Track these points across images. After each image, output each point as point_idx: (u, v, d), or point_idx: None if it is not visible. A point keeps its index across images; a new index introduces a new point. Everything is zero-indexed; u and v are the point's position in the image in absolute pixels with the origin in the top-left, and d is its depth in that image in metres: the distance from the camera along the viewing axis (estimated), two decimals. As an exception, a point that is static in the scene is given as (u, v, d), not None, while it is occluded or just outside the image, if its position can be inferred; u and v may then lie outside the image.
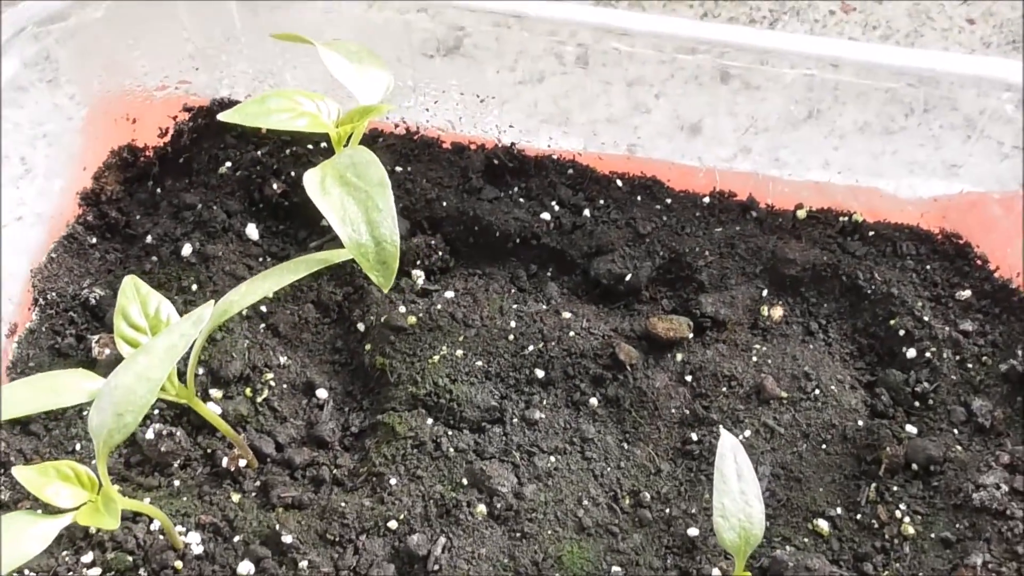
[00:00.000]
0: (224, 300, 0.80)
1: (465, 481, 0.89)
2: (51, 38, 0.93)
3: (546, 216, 1.01)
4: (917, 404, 0.92)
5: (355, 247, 0.78)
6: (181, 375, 0.83)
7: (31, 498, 0.86)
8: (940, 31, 1.28)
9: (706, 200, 1.03)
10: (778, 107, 1.00)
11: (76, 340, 0.95)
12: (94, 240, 1.00)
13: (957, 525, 0.86)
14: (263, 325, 0.97)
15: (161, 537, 0.86)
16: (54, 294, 0.96)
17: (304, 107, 0.83)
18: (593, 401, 0.93)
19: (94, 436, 0.73)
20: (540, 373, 0.94)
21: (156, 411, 0.92)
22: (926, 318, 0.95)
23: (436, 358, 0.94)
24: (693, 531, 0.87)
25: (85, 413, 0.91)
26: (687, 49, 0.96)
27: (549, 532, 0.87)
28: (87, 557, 0.84)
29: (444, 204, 1.01)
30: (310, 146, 1.03)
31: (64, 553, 0.85)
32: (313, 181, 0.79)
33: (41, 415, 0.91)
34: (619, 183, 1.03)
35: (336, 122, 0.84)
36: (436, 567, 0.86)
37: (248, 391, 0.94)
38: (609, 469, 0.90)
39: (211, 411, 0.87)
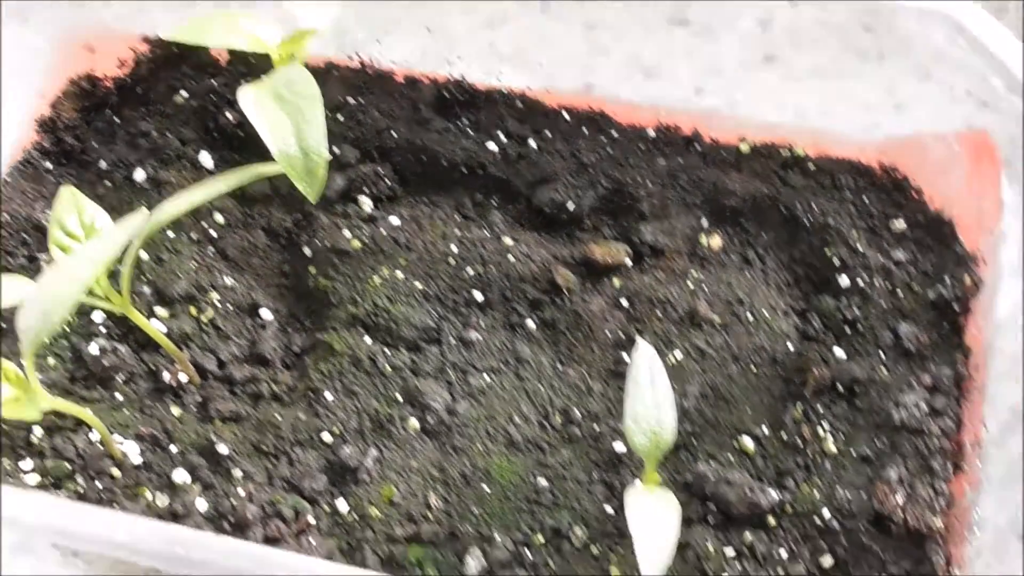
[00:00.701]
0: (158, 209, 0.81)
1: (399, 397, 0.90)
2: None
3: (492, 147, 1.02)
4: (847, 329, 0.92)
5: (284, 158, 0.79)
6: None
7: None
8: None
9: (651, 134, 1.03)
10: (734, 50, 1.00)
11: (28, 260, 0.96)
12: (49, 165, 1.02)
13: (877, 442, 0.86)
14: (212, 249, 0.98)
15: (100, 447, 0.87)
16: (7, 216, 0.97)
17: (246, 28, 0.85)
18: (530, 323, 0.94)
19: (21, 335, 0.74)
20: (478, 296, 0.95)
21: (102, 328, 0.93)
22: (860, 248, 0.95)
23: (377, 280, 0.95)
24: (620, 446, 0.88)
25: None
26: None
27: (479, 447, 0.88)
28: (26, 464, 0.86)
29: (394, 134, 1.02)
30: (264, 77, 1.04)
31: (5, 461, 0.86)
32: (247, 96, 0.81)
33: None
34: (566, 116, 1.04)
35: (279, 44, 0.85)
36: (367, 477, 0.87)
37: (193, 310, 0.95)
38: (542, 388, 0.91)
39: (150, 324, 0.89)
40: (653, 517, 0.75)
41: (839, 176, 1.00)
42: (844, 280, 0.94)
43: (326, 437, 0.88)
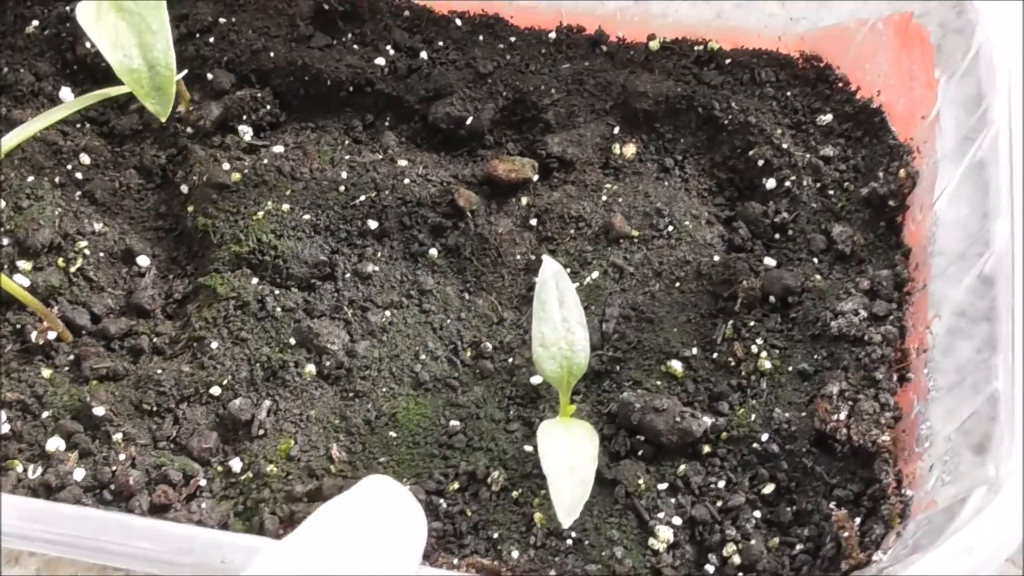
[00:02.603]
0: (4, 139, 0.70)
1: (293, 341, 0.80)
2: None
3: (380, 61, 0.90)
4: (776, 236, 0.83)
5: (127, 73, 0.69)
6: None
7: None
8: None
9: (552, 36, 0.92)
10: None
11: None
12: None
13: (815, 356, 0.76)
14: (79, 193, 0.87)
15: (-39, 418, 0.76)
16: None
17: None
18: (432, 251, 0.83)
19: None
20: (373, 224, 0.84)
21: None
22: (785, 146, 0.85)
23: (260, 214, 0.84)
24: (537, 379, 0.77)
25: None
26: None
27: (383, 389, 0.78)
28: None
29: (272, 55, 0.90)
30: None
31: None
32: (87, 11, 0.70)
33: None
34: (458, 22, 0.92)
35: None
36: (261, 432, 0.77)
37: (60, 261, 0.83)
38: (449, 321, 0.81)
39: (11, 281, 0.77)
40: (567, 453, 0.65)
41: (758, 71, 0.89)
42: (770, 182, 0.85)
43: (215, 391, 0.78)
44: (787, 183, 0.84)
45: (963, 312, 0.74)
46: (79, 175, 0.87)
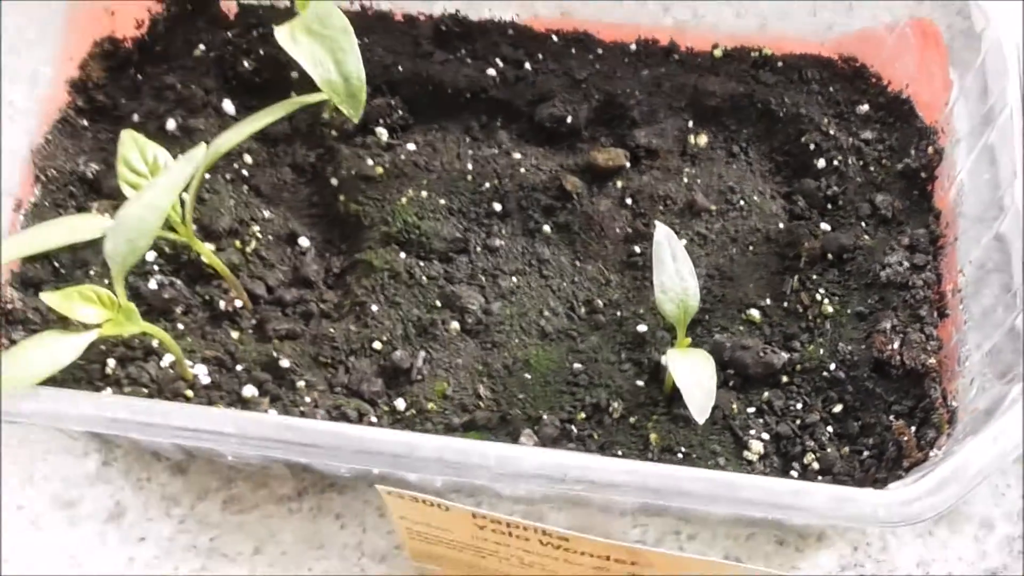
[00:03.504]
0: (215, 142, 0.84)
1: (438, 303, 0.94)
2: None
3: (491, 72, 1.05)
4: (829, 206, 0.98)
5: (327, 84, 0.83)
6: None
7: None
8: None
9: (633, 47, 1.07)
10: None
11: (77, 210, 0.98)
12: (85, 123, 1.03)
13: (868, 300, 0.92)
14: (246, 187, 1.01)
15: (171, 371, 0.90)
16: (53, 171, 0.99)
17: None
18: (546, 228, 0.98)
19: (110, 260, 0.77)
20: (497, 207, 0.99)
21: (155, 266, 0.96)
22: (831, 132, 1.00)
23: (403, 200, 0.99)
24: (642, 327, 0.93)
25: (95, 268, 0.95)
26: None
27: (516, 340, 0.93)
28: (107, 393, 0.88)
29: (400, 69, 1.05)
30: (275, 26, 1.06)
31: (86, 392, 0.88)
32: (284, 34, 0.84)
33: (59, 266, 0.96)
34: (554, 39, 1.07)
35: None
36: (419, 377, 0.91)
37: (237, 243, 0.98)
38: (564, 284, 0.96)
39: (211, 253, 0.92)
40: (694, 370, 0.81)
41: (805, 71, 1.05)
42: (821, 162, 1.00)
43: (377, 345, 0.92)
44: (835, 162, 0.99)
45: (983, 264, 0.90)
46: (245, 172, 1.01)
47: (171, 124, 1.02)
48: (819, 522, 0.87)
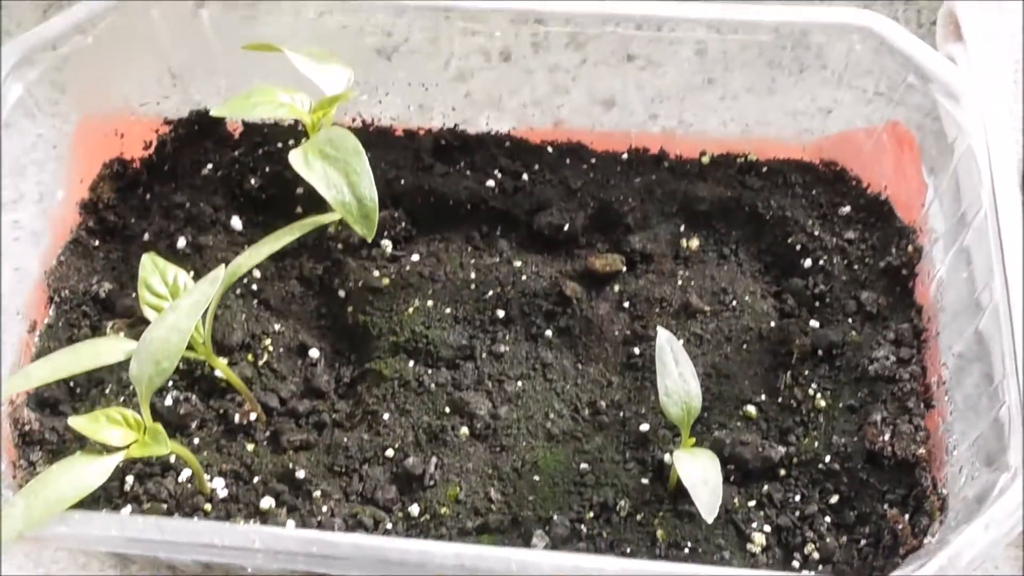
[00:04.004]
0: (233, 263, 0.88)
1: (447, 409, 0.97)
2: (46, 64, 0.99)
3: (490, 183, 1.09)
4: (817, 303, 1.02)
5: (340, 206, 0.86)
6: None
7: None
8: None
9: (624, 156, 1.12)
10: (677, 78, 1.10)
11: (91, 330, 1.01)
12: (97, 243, 1.07)
13: (859, 393, 0.96)
14: (256, 301, 1.04)
15: (189, 486, 0.93)
16: (67, 292, 1.02)
17: (282, 99, 0.91)
18: (548, 332, 1.02)
19: (136, 382, 0.80)
20: (501, 313, 1.03)
21: (170, 382, 0.98)
22: (816, 232, 1.05)
23: (410, 310, 1.02)
24: (644, 427, 0.96)
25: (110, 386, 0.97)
26: (595, 31, 1.05)
27: (524, 443, 0.96)
28: (126, 511, 0.90)
29: (402, 182, 1.09)
30: (279, 144, 1.10)
31: (103, 511, 0.90)
32: (297, 158, 0.88)
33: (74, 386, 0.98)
34: (549, 150, 1.12)
35: (310, 110, 0.92)
36: (431, 482, 0.93)
37: (250, 356, 1.00)
38: (568, 386, 0.99)
39: (228, 369, 0.94)
40: (701, 470, 0.84)
41: (789, 175, 1.10)
42: (807, 262, 1.04)
43: (389, 453, 0.94)
44: (820, 261, 1.04)
45: (962, 356, 0.94)
46: (254, 287, 1.04)
47: (182, 242, 1.05)
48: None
